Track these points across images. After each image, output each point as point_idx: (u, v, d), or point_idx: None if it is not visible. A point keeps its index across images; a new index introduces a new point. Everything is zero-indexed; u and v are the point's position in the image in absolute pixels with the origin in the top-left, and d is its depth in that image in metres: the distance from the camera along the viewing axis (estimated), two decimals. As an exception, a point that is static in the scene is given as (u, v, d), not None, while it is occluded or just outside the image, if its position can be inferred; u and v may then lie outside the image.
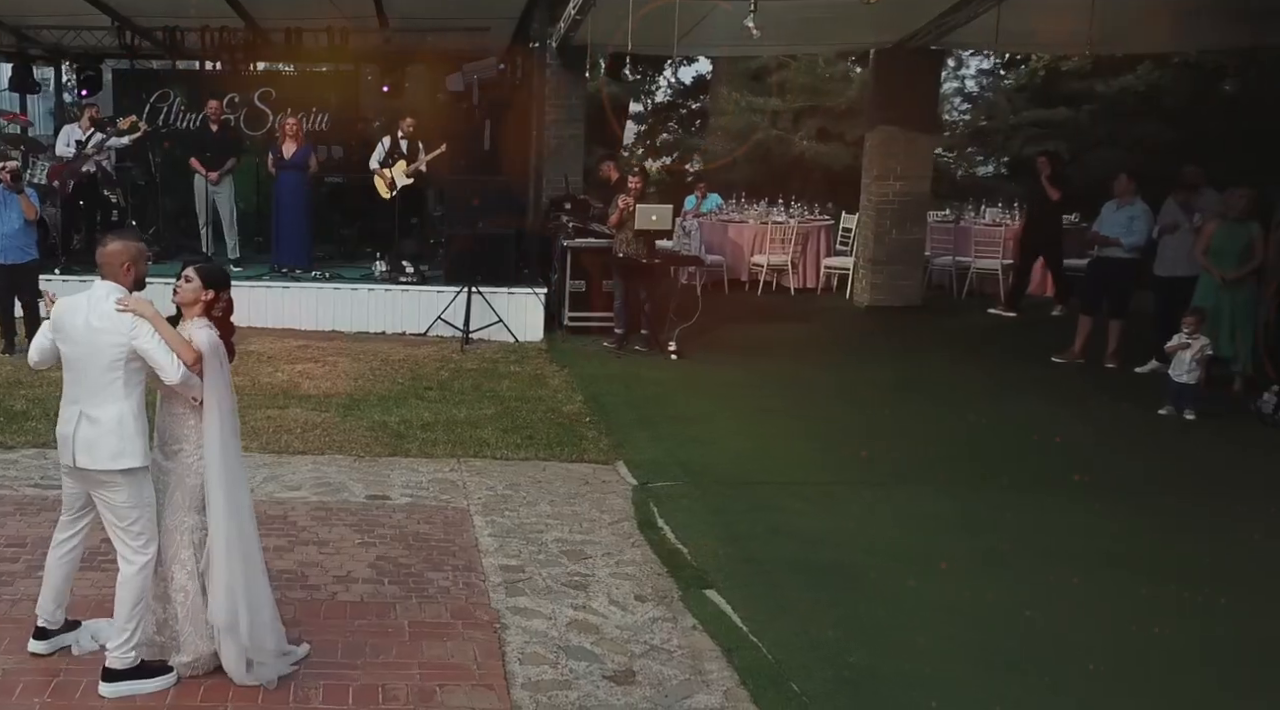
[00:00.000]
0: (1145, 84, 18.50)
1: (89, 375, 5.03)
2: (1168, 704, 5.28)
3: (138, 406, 5.02)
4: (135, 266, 5.09)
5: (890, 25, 15.28)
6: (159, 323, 4.93)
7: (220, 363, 4.99)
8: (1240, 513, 7.94)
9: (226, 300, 5.11)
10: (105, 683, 5.05)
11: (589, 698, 5.18)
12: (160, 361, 4.88)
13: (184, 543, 5.10)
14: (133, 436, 4.99)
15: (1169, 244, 12.46)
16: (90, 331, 4.99)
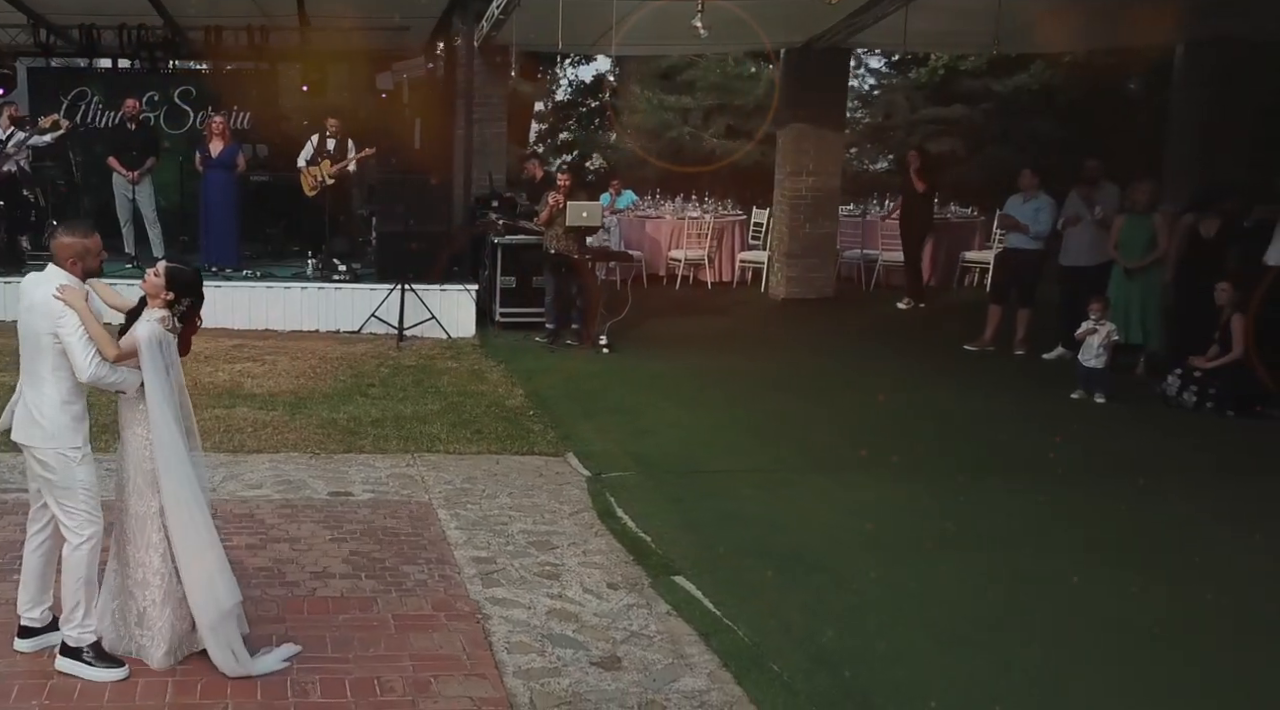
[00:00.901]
0: (1039, 83, 18.97)
1: (26, 353, 5.10)
2: (1119, 673, 5.47)
3: (69, 390, 5.00)
4: (82, 261, 5.09)
5: (800, 25, 15.49)
6: (86, 317, 4.93)
7: (159, 355, 5.00)
8: (1164, 490, 8.22)
9: (189, 303, 5.14)
10: (60, 655, 5.08)
11: (580, 684, 5.23)
12: (75, 357, 4.91)
13: (154, 527, 5.09)
14: (63, 419, 5.01)
15: (1072, 235, 12.84)
16: (29, 311, 5.05)
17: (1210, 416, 10.41)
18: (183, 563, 5.07)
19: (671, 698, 5.14)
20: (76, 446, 5.03)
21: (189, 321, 5.14)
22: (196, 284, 5.17)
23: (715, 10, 14.04)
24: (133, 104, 13.90)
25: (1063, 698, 5.21)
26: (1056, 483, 8.36)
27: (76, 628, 5.05)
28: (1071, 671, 5.44)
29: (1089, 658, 5.59)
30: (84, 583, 5.05)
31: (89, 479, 5.07)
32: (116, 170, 13.60)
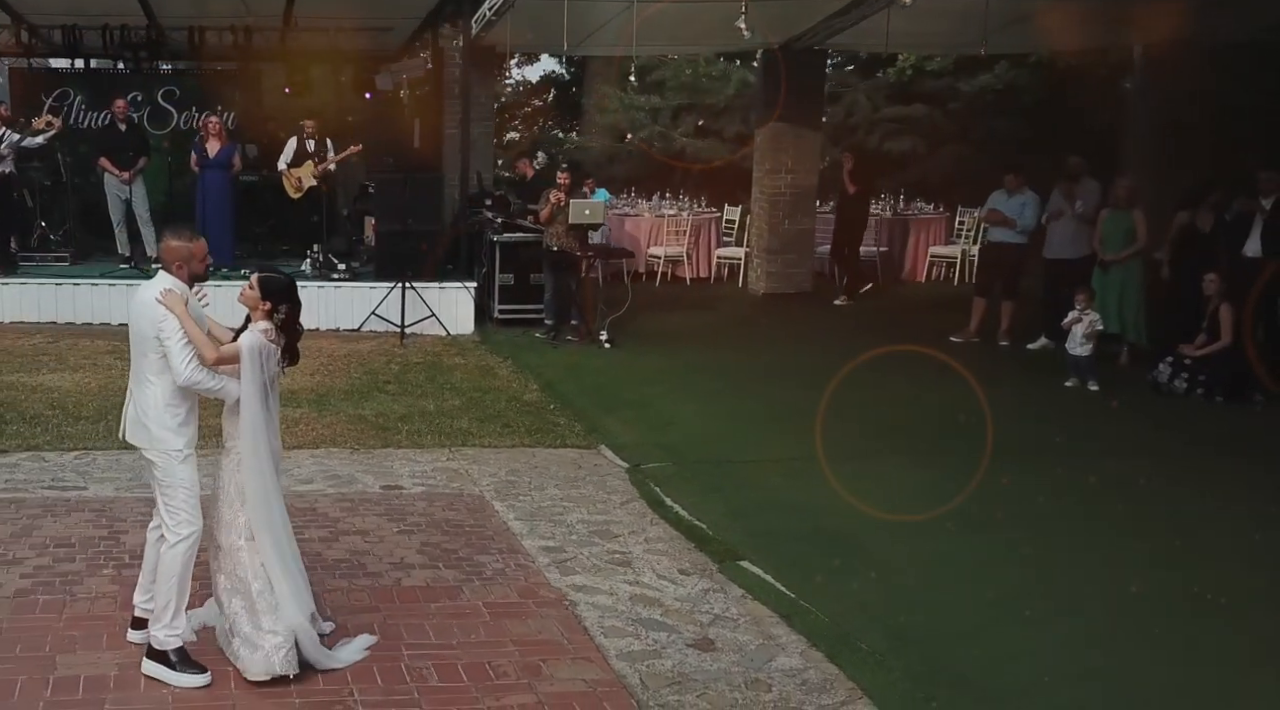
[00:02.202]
0: (1003, 82, 19.31)
1: (134, 356, 5.14)
2: (1169, 641, 5.70)
3: (172, 392, 5.02)
4: (188, 265, 5.11)
5: (778, 26, 15.66)
6: (185, 320, 4.95)
7: (260, 366, 5.01)
8: (1167, 472, 8.53)
9: (287, 309, 5.10)
10: (146, 659, 5.07)
11: (683, 665, 5.35)
12: (172, 359, 4.95)
13: (240, 535, 5.10)
14: (164, 420, 5.05)
15: (1055, 229, 13.16)
16: (136, 315, 5.08)
17: (1200, 403, 10.74)
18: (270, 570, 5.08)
19: (773, 676, 5.27)
20: (179, 448, 5.06)
21: (291, 329, 5.12)
22: (291, 289, 5.15)
23: (700, 11, 14.34)
24: (122, 104, 13.76)
25: (1128, 668, 5.42)
26: (1067, 466, 8.61)
27: (165, 629, 5.03)
28: (1125, 643, 5.68)
29: (1137, 630, 5.82)
30: (177, 582, 5.04)
31: (190, 479, 5.09)
32: (109, 171, 13.47)
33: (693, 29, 15.67)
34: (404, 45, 16.49)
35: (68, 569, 6.12)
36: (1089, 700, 5.13)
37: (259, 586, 5.04)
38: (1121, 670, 5.41)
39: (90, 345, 11.59)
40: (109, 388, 9.92)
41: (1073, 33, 15.90)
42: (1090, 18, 15.06)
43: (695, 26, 15.47)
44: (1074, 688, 5.22)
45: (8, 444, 8.27)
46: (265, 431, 5.10)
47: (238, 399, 5.01)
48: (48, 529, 6.67)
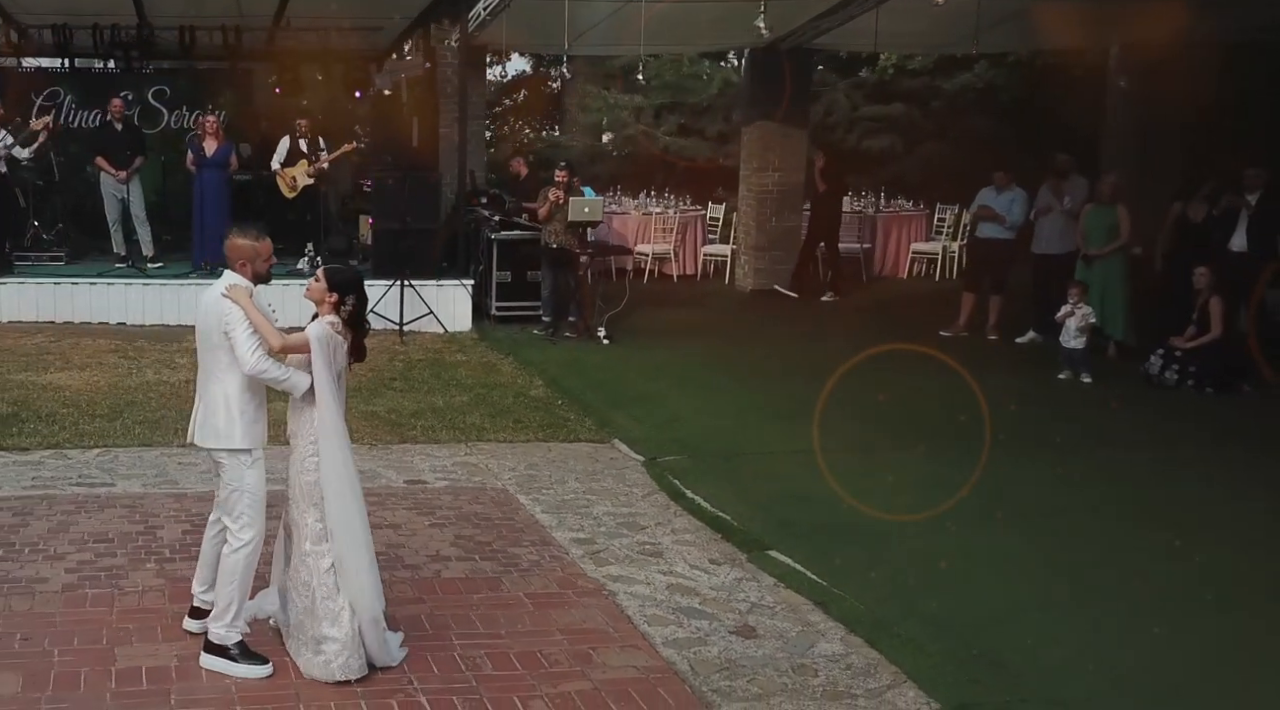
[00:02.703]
0: (983, 81, 19.50)
1: (201, 355, 5.15)
2: (1192, 626, 5.85)
3: (240, 391, 5.04)
4: (252, 264, 5.12)
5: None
6: (251, 311, 4.96)
7: (329, 355, 4.98)
8: (1167, 461, 8.74)
9: (354, 302, 5.06)
10: (204, 653, 5.08)
11: (728, 651, 5.44)
12: (238, 348, 4.94)
13: (308, 537, 5.07)
14: (232, 418, 5.05)
15: (1044, 225, 13.35)
16: (203, 314, 5.10)
17: (1191, 394, 10.93)
18: (345, 569, 5.02)
19: (817, 661, 5.37)
20: (246, 448, 5.07)
21: (357, 324, 5.09)
22: (357, 282, 5.13)
23: (687, 11, 14.43)
24: (118, 104, 13.70)
25: (1152, 653, 5.54)
26: (1070, 457, 8.77)
27: (225, 626, 5.05)
28: (1148, 626, 5.79)
29: (1158, 614, 5.94)
30: (239, 585, 5.07)
31: (256, 484, 5.10)
32: (105, 170, 13.41)
33: (682, 29, 15.74)
34: (392, 44, 16.50)
35: (110, 563, 6.14)
36: (1124, 678, 5.25)
37: (324, 592, 5.01)
38: (1148, 652, 5.53)
39: (93, 344, 11.55)
40: (119, 386, 9.94)
41: (1056, 32, 16.11)
42: (1073, 17, 15.25)
43: (685, 26, 15.55)
44: (1106, 669, 5.33)
45: (29, 442, 8.25)
46: (341, 425, 5.06)
47: (304, 392, 4.99)
48: (84, 525, 6.68)
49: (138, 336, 12.04)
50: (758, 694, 5.04)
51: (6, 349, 11.18)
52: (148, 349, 11.42)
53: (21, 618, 5.44)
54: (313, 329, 4.99)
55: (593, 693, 4.97)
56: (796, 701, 4.98)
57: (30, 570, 6.00)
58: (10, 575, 5.92)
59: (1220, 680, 5.32)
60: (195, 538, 6.49)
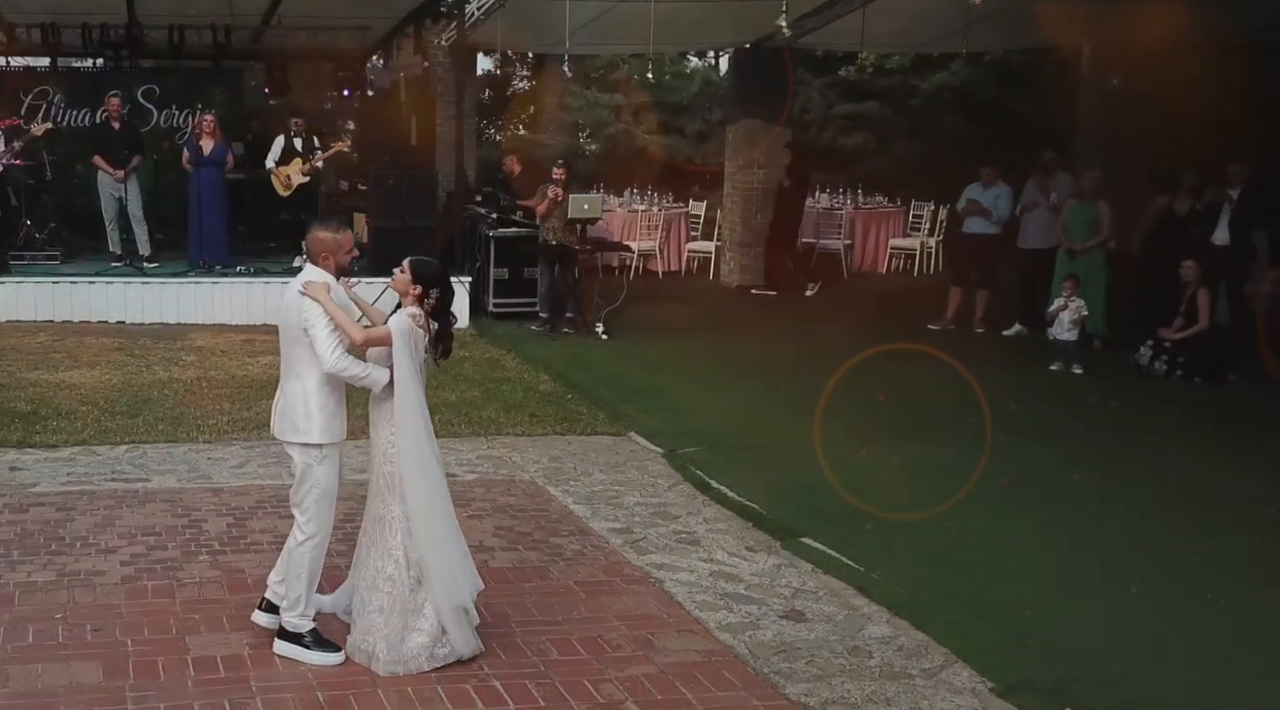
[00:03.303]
0: (959, 80, 19.74)
1: (282, 349, 5.18)
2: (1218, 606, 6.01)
3: (319, 386, 5.05)
4: (334, 256, 5.15)
5: (750, 26, 15.91)
6: (330, 307, 4.96)
7: (411, 348, 4.98)
8: (1165, 447, 8.98)
9: (438, 294, 5.08)
10: (278, 640, 5.13)
11: (782, 635, 5.54)
12: (318, 345, 4.96)
13: (390, 531, 5.07)
14: (310, 413, 5.06)
15: (1029, 220, 13.57)
16: (285, 309, 5.13)
17: (1180, 384, 11.18)
18: (426, 562, 5.03)
19: (869, 643, 5.49)
20: (319, 444, 5.08)
21: (441, 316, 5.09)
22: (442, 275, 5.15)
23: (671, 11, 14.54)
24: (116, 103, 13.63)
25: (1185, 629, 5.73)
26: (1076, 445, 8.97)
27: (296, 616, 5.10)
28: (1180, 607, 5.99)
29: (1187, 593, 6.14)
30: (307, 577, 5.11)
31: (327, 481, 5.12)
32: (103, 169, 13.33)
33: (669, 28, 15.84)
34: (377, 43, 16.50)
35: (163, 556, 6.16)
36: (1164, 655, 5.41)
37: (409, 585, 5.03)
38: (1181, 628, 5.73)
39: (96, 343, 11.49)
40: (132, 384, 9.91)
41: (1032, 31, 16.35)
42: (1047, 16, 15.47)
43: (671, 26, 15.65)
44: (1145, 646, 5.51)
45: (55, 439, 8.22)
46: (423, 416, 5.06)
47: (385, 386, 4.99)
48: (128, 519, 6.69)
49: (139, 335, 11.99)
50: (818, 675, 5.14)
51: (11, 348, 11.11)
52: (152, 347, 11.38)
53: (87, 609, 5.46)
54: (394, 321, 5.01)
55: (659, 676, 5.06)
56: (857, 682, 5.09)
57: (86, 563, 6.02)
58: (67, 568, 5.94)
59: (1255, 650, 5.49)
60: (241, 531, 6.61)
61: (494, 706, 4.75)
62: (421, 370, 5.06)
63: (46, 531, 6.43)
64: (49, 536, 6.35)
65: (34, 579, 5.78)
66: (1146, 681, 5.16)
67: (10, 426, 8.42)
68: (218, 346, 11.54)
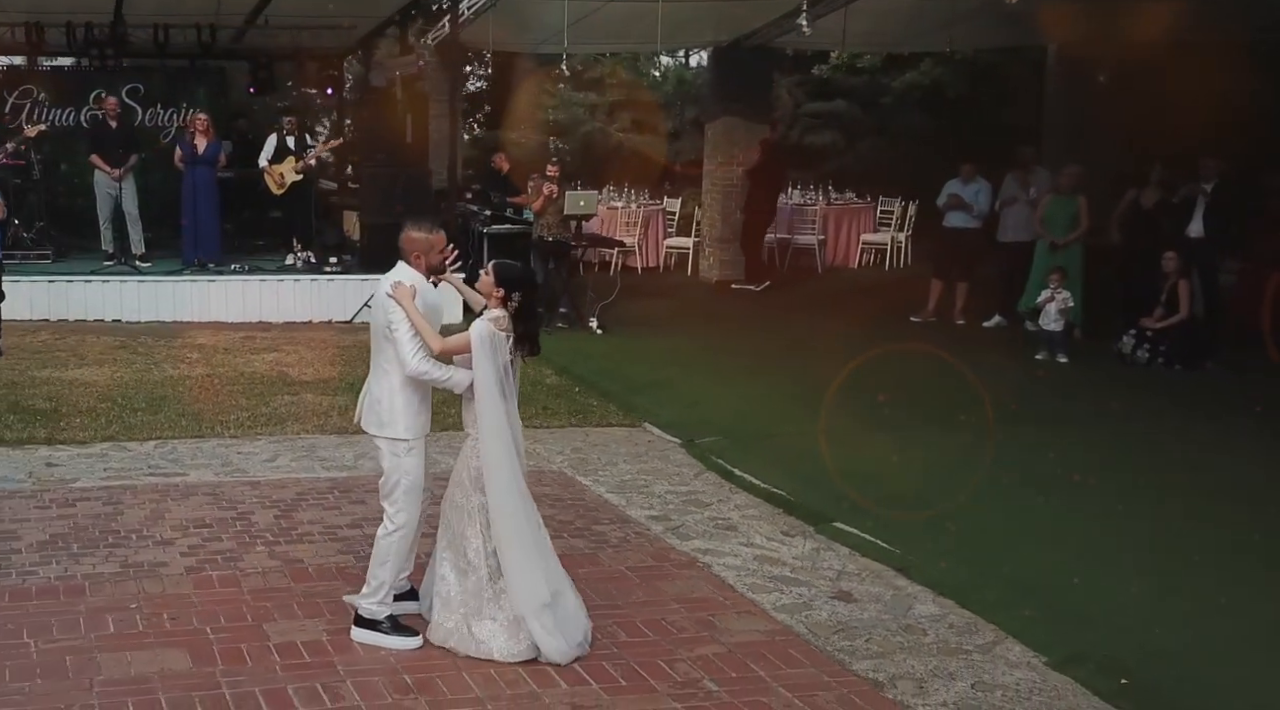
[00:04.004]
0: (929, 79, 20.00)
1: (372, 345, 5.29)
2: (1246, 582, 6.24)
3: (403, 383, 5.12)
4: (426, 256, 5.24)
5: (729, 25, 16.07)
6: (412, 313, 5.04)
7: (491, 353, 5.03)
8: (1155, 431, 9.25)
9: (521, 296, 5.12)
10: (355, 626, 5.19)
11: (836, 615, 5.67)
12: (400, 350, 5.06)
13: (470, 520, 5.15)
14: (398, 409, 5.14)
15: (1009, 214, 13.84)
16: (374, 306, 5.24)
17: (1161, 371, 11.46)
18: (503, 559, 5.08)
19: (921, 622, 5.64)
20: (405, 438, 5.15)
21: (526, 317, 5.15)
22: (522, 278, 5.22)
23: (653, 11, 14.64)
24: (113, 102, 13.55)
25: (1218, 602, 5.90)
26: (1070, 430, 9.23)
27: (376, 603, 5.17)
28: (1209, 583, 6.17)
29: (1212, 568, 6.36)
30: (390, 568, 5.19)
31: (413, 472, 5.19)
32: (100, 168, 13.25)
33: (649, 27, 15.95)
34: (360, 42, 16.47)
35: (220, 547, 6.19)
36: (1203, 629, 5.58)
37: (486, 572, 5.09)
38: (1215, 601, 5.90)
39: (97, 341, 11.43)
40: (144, 381, 9.89)
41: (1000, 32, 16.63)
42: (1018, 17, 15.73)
43: (651, 25, 15.76)
44: (1184, 620, 5.68)
45: (83, 435, 8.19)
46: (504, 419, 5.09)
47: (468, 387, 5.07)
48: (176, 512, 6.70)
49: (138, 333, 11.93)
50: (879, 652, 5.28)
51: (14, 346, 10.94)
52: (154, 345, 11.33)
53: (159, 599, 5.49)
54: (475, 328, 5.06)
55: (729, 655, 5.17)
56: (918, 657, 5.23)
57: (146, 555, 6.04)
58: (129, 560, 5.96)
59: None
60: (289, 522, 6.66)
61: (578, 686, 4.83)
62: (508, 372, 5.11)
63: (99, 525, 6.44)
64: (103, 529, 6.36)
65: (100, 571, 5.80)
66: (1194, 656, 5.32)
67: (35, 424, 8.38)
68: (219, 344, 11.51)
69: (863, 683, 4.96)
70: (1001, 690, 4.96)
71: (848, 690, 4.88)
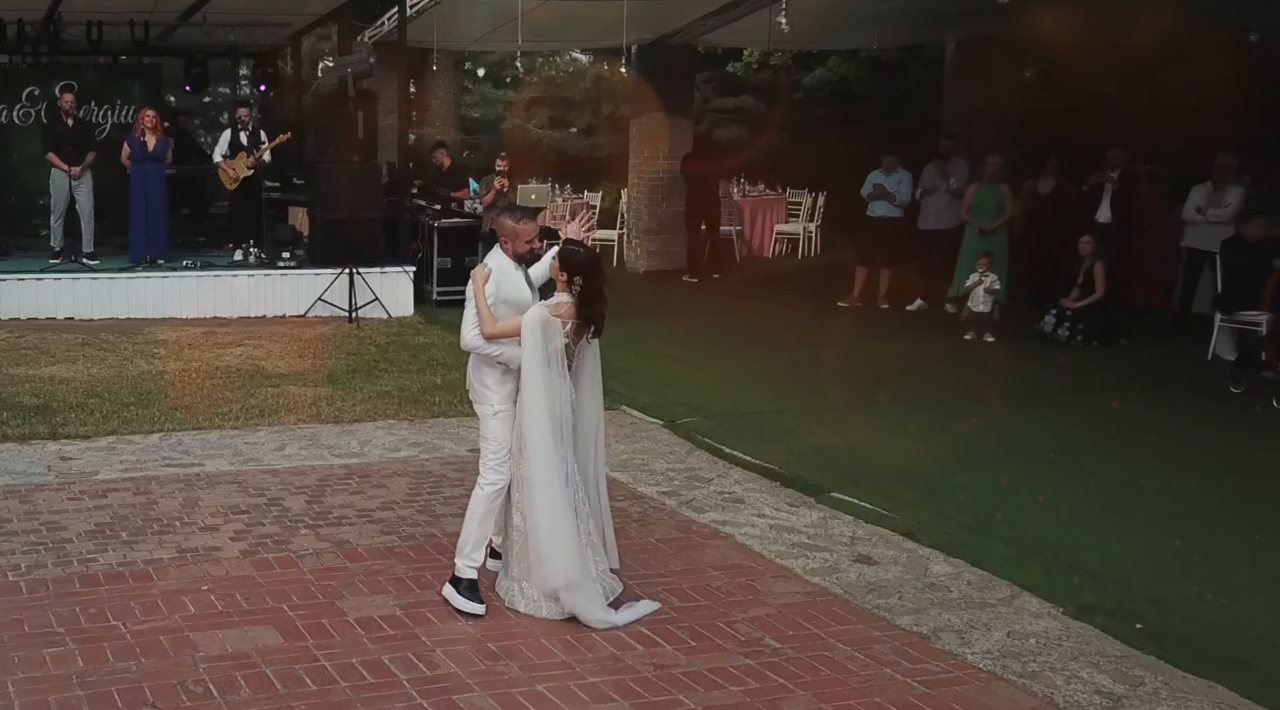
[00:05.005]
0: (837, 75, 20.44)
1: None
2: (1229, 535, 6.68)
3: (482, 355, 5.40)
4: (511, 243, 5.40)
5: (651, 24, 16.26)
6: (479, 297, 5.29)
7: (540, 338, 5.20)
8: (1101, 403, 9.59)
9: (583, 281, 5.29)
10: (448, 582, 5.41)
11: (864, 576, 5.93)
12: (464, 326, 5.37)
13: (517, 487, 5.36)
14: (485, 377, 5.43)
15: (929, 203, 14.30)
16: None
17: (1082, 348, 11.96)
18: (530, 531, 5.28)
19: (941, 580, 5.92)
20: (491, 404, 5.40)
21: (589, 300, 5.30)
22: (584, 263, 5.35)
23: (573, 7, 14.82)
24: (69, 99, 13.21)
25: (1206, 552, 6.29)
26: (1026, 404, 9.56)
27: (464, 559, 5.36)
28: (1196, 531, 6.58)
29: (1192, 522, 6.75)
30: (478, 522, 5.37)
31: (499, 433, 5.38)
32: (56, 166, 12.93)
33: (571, 27, 16.12)
34: (290, 39, 16.29)
35: (266, 532, 6.21)
36: (1198, 577, 5.95)
37: (522, 542, 5.31)
38: (1202, 551, 6.29)
39: (59, 339, 11.17)
40: (123, 376, 9.74)
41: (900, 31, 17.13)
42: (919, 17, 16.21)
43: (574, 24, 15.94)
44: (1180, 569, 6.04)
45: (84, 430, 8.04)
46: (544, 399, 5.22)
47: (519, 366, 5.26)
48: (209, 500, 6.68)
49: (97, 330, 11.69)
50: (914, 608, 5.55)
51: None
52: (117, 341, 11.12)
53: (227, 581, 5.50)
54: (529, 314, 5.23)
55: (780, 615, 5.38)
56: (951, 611, 5.51)
57: (197, 541, 6.03)
58: (182, 546, 5.95)
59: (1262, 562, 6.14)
60: (321, 507, 6.70)
61: (653, 648, 5.00)
62: (559, 355, 5.27)
63: (138, 514, 6.40)
64: (145, 518, 6.33)
65: (157, 556, 5.79)
66: (1200, 602, 5.65)
67: (29, 420, 8.22)
68: (181, 339, 11.35)
69: (910, 636, 5.22)
70: (1034, 638, 5.25)
71: (900, 643, 5.13)
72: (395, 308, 13.03)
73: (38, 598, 5.25)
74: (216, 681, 4.50)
